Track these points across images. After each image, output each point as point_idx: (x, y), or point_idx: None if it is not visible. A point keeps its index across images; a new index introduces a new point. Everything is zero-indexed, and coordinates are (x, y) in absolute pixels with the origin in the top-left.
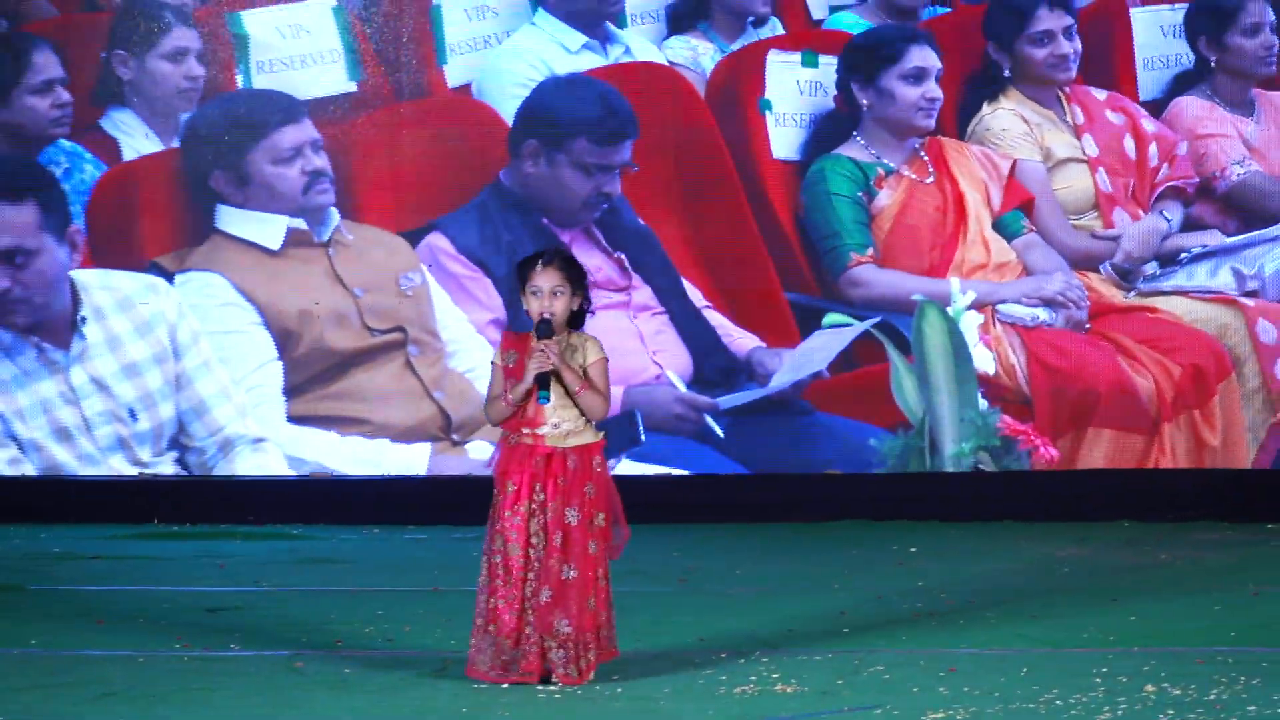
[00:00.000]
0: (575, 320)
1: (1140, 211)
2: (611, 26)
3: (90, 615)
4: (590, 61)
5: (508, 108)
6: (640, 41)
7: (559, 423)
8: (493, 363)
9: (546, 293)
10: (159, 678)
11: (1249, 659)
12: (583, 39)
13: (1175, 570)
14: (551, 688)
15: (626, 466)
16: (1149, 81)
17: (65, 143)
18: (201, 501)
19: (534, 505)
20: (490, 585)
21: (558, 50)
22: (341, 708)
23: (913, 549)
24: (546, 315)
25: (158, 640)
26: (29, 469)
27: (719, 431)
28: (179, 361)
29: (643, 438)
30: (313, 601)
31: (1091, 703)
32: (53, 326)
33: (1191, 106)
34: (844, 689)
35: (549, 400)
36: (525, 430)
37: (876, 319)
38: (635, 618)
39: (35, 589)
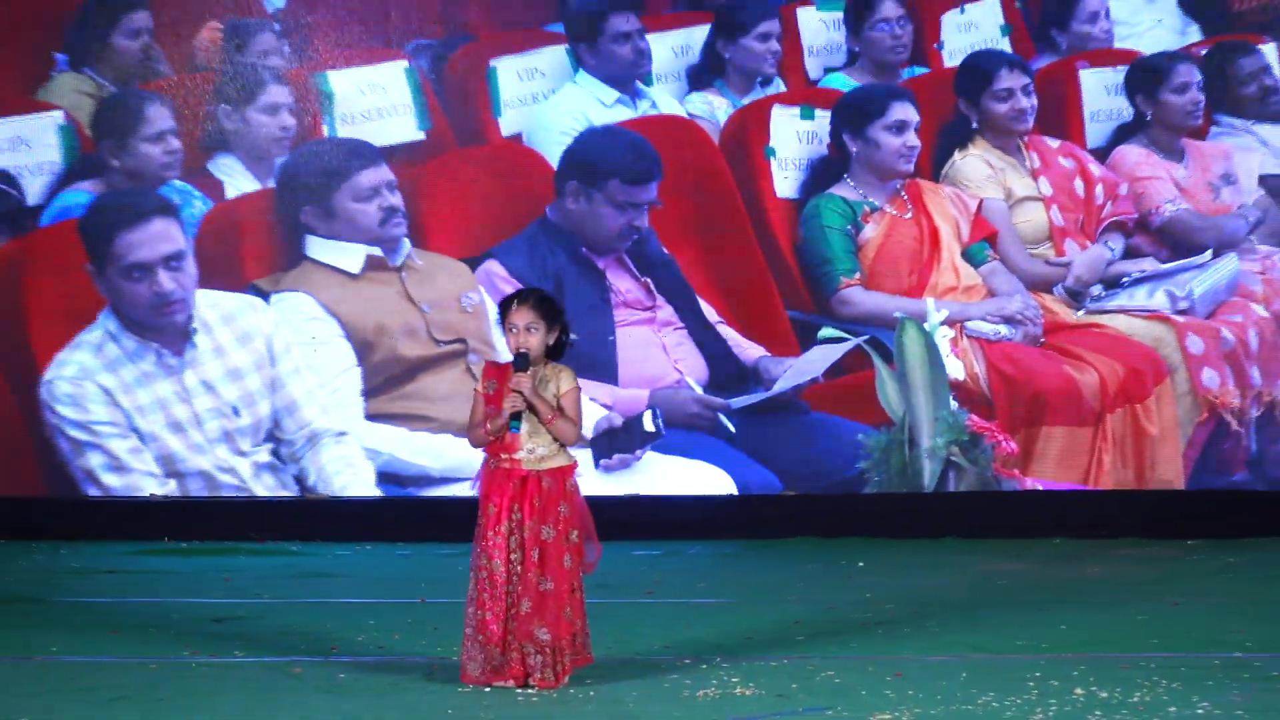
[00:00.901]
0: (555, 352)
1: (1088, 242)
2: (640, 85)
3: (106, 625)
4: (622, 114)
5: (553, 153)
6: (665, 97)
7: (534, 448)
8: (475, 390)
9: (522, 329)
10: (169, 683)
11: (1170, 664)
12: (616, 95)
13: (1102, 583)
14: (529, 691)
15: (637, 476)
16: (1095, 132)
17: (178, 183)
18: (208, 520)
19: (512, 524)
20: (478, 599)
21: (595, 105)
22: (336, 710)
23: (861, 564)
24: (522, 350)
25: (168, 648)
26: (148, 457)
27: (730, 428)
28: (274, 367)
29: (663, 432)
30: (310, 612)
31: (1025, 705)
32: (170, 336)
33: (1131, 153)
34: (799, 692)
35: (520, 430)
36: (504, 456)
37: (865, 336)
38: (606, 627)
39: (56, 601)
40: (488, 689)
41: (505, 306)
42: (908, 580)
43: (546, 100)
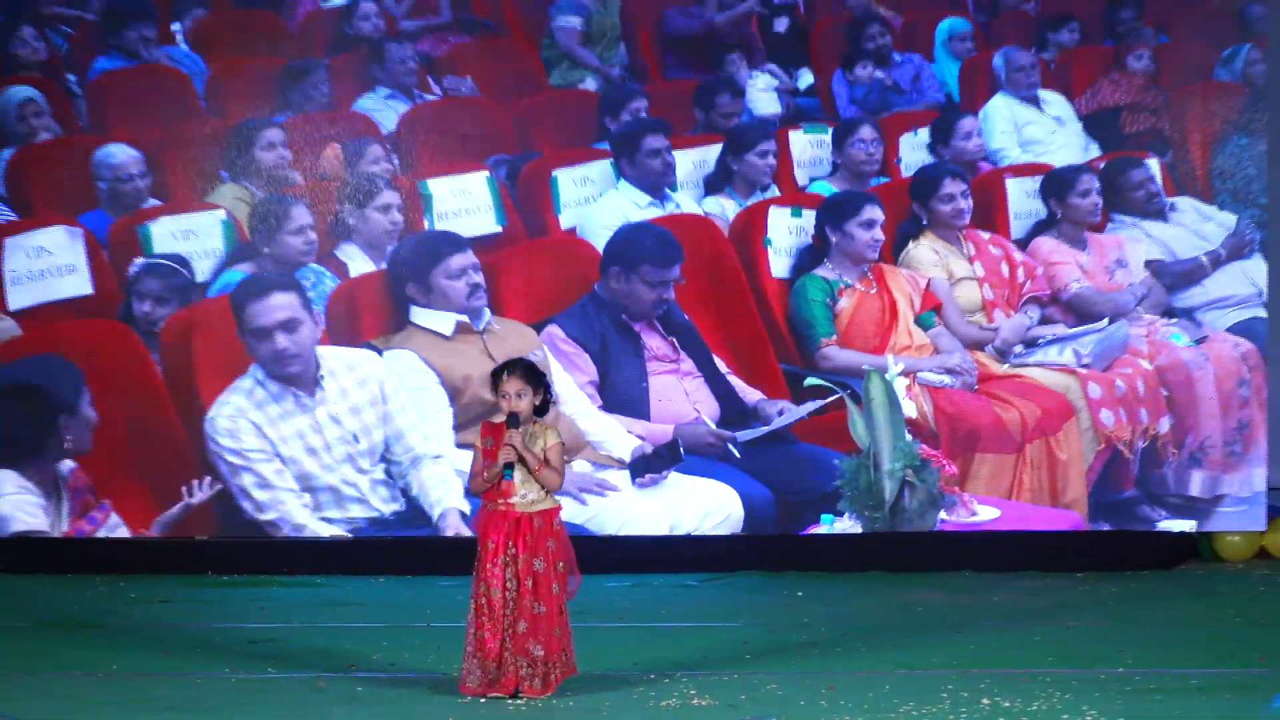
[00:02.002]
0: (541, 410)
1: (1011, 312)
2: (668, 190)
3: (158, 647)
4: (653, 213)
5: (600, 243)
6: (686, 200)
7: (526, 494)
8: (474, 445)
9: (512, 395)
10: (212, 695)
11: (1063, 679)
12: (648, 198)
13: (1006, 609)
14: (519, 701)
15: (665, 492)
16: (1017, 227)
17: (313, 265)
18: (246, 557)
19: (508, 558)
20: (477, 620)
21: (632, 205)
22: (355, 718)
23: (800, 594)
24: (514, 411)
25: (211, 666)
26: (289, 476)
27: (737, 454)
28: (385, 405)
29: (684, 457)
30: (333, 635)
31: (940, 712)
32: (304, 381)
33: (1045, 243)
34: (747, 702)
35: (512, 477)
36: (500, 500)
37: (845, 391)
38: (583, 646)
39: (116, 626)
40: (484, 699)
41: (497, 376)
42: (839, 607)
43: (595, 202)
